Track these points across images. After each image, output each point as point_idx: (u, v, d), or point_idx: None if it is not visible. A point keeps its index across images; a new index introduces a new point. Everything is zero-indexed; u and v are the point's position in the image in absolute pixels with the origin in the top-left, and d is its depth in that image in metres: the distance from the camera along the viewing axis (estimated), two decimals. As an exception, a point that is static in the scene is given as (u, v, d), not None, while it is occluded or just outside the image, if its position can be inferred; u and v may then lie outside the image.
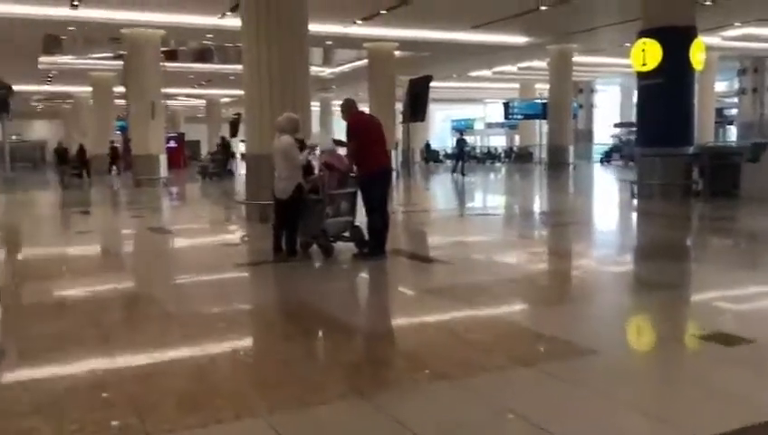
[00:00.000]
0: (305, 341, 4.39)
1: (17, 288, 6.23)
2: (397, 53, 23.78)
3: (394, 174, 13.57)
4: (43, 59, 25.12)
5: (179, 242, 9.23)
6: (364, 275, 6.68)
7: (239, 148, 41.16)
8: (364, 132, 6.79)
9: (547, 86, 27.93)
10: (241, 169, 31.26)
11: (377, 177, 6.79)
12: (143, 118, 19.93)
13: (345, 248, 7.14)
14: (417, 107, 21.61)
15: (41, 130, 52.90)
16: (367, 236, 7.01)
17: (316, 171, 7.34)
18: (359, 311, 5.39)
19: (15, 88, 30.60)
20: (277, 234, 6.90)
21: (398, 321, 4.90)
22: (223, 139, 30.45)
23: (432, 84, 22.14)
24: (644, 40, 13.04)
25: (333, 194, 6.90)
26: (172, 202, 16.70)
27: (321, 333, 4.62)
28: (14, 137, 48.01)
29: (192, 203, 16.51)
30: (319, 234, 6.91)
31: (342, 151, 7.16)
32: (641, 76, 13.35)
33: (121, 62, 23.50)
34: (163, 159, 20.52)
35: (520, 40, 23.34)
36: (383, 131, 7.01)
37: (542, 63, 27.90)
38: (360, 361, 3.98)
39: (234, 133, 33.01)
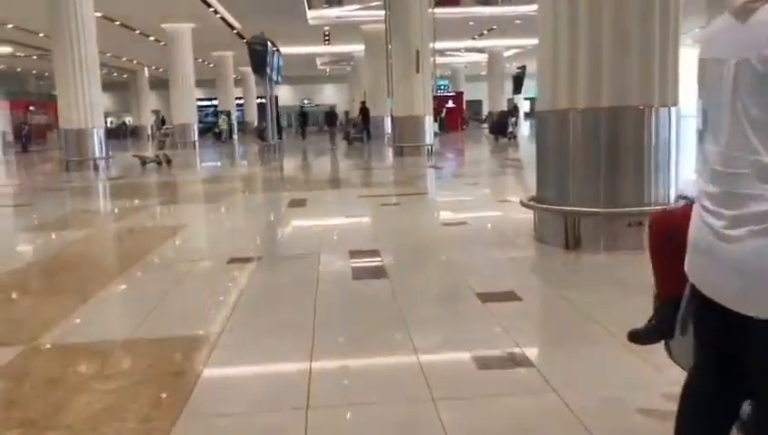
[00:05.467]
0: None
1: None
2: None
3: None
4: (311, 14, 23.02)
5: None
6: None
7: (522, 106, 36.74)
8: None
9: None
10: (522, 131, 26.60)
11: None
12: (407, 73, 16.25)
13: None
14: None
15: (330, 95, 54.14)
16: None
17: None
18: None
19: (295, 51, 29.69)
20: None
21: None
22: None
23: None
24: None
25: None
26: (429, 185, 11.70)
27: None
28: (306, 101, 49.76)
29: (454, 188, 10.84)
30: None
31: None
32: None
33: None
34: (429, 120, 16.66)
35: None
36: None
37: None
38: None
39: (517, 89, 28.64)
